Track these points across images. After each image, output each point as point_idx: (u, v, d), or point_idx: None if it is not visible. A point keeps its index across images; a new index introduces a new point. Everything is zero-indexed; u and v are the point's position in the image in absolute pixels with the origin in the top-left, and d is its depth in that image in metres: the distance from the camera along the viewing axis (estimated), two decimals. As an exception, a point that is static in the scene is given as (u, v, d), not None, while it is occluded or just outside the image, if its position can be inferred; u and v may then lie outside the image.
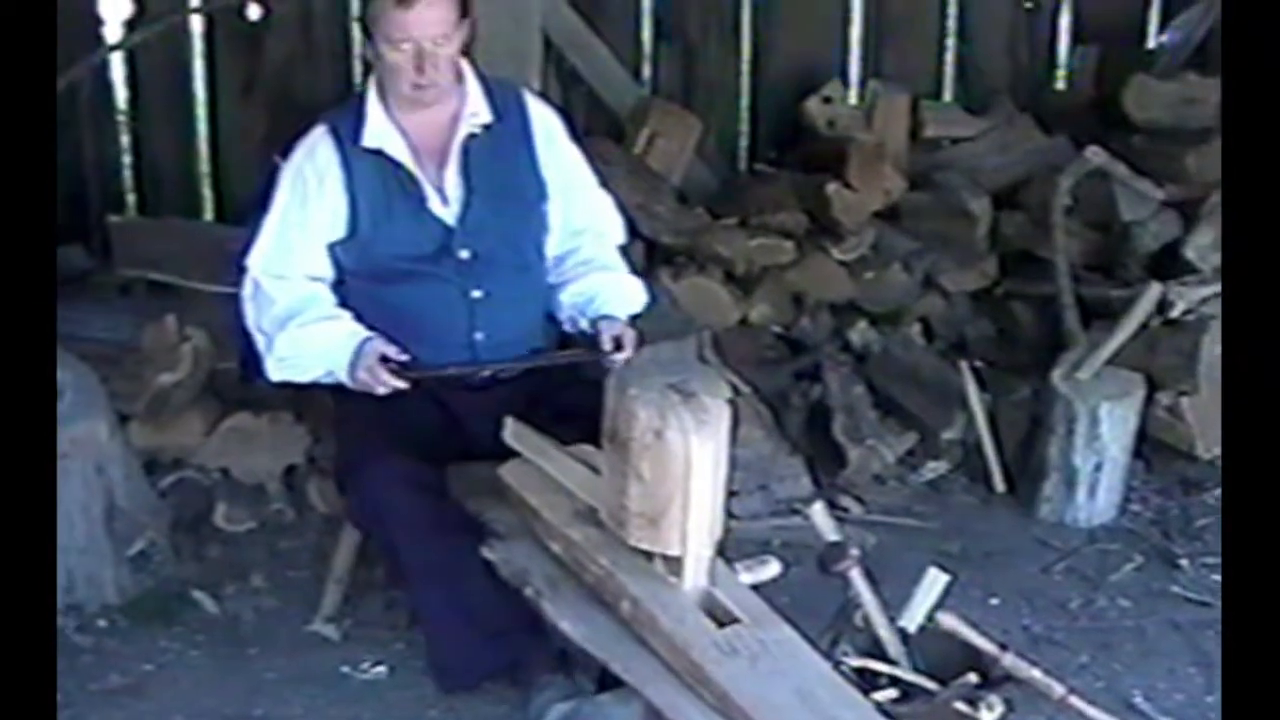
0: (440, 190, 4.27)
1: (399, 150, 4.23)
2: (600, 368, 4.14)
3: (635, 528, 3.51)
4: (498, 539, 3.92)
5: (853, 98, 6.77)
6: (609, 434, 3.53)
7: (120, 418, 4.95)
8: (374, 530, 4.34)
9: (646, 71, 6.61)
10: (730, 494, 3.67)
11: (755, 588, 3.67)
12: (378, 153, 4.22)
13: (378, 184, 4.23)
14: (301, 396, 4.97)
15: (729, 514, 3.68)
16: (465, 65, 4.29)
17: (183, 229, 5.84)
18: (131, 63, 6.03)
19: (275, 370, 4.30)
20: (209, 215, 6.24)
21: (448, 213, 4.27)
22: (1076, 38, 7.12)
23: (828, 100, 6.54)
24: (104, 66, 5.97)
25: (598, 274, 4.42)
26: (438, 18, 4.11)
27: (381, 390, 4.12)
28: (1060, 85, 7.21)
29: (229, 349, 5.31)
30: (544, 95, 4.60)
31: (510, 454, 4.03)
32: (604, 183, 4.58)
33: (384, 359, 4.13)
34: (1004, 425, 5.55)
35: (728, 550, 3.77)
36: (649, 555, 3.55)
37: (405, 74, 4.13)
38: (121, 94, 6.13)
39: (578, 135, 4.54)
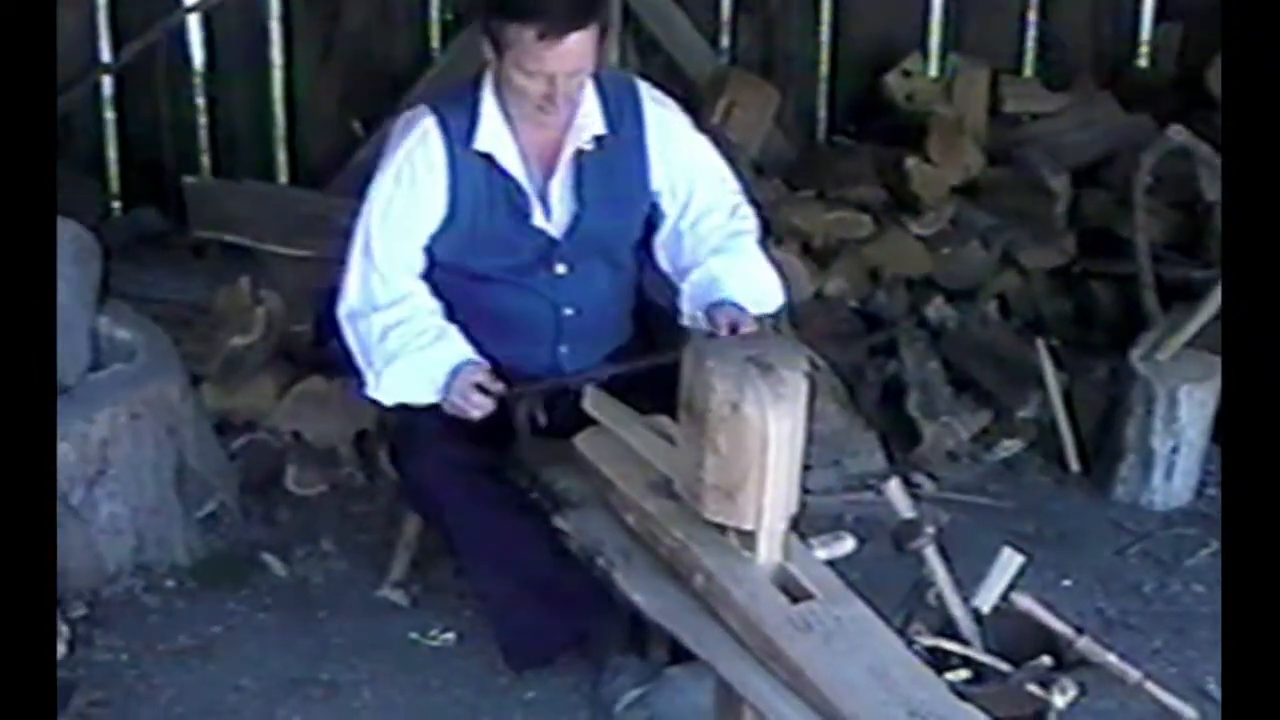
0: (545, 201, 4.10)
1: (510, 159, 4.05)
2: None
3: (710, 501, 3.47)
4: (571, 509, 3.88)
5: (933, 71, 6.69)
6: (685, 405, 3.49)
7: (193, 379, 4.94)
8: (427, 514, 4.35)
9: (725, 41, 6.54)
10: (804, 468, 3.62)
11: (830, 563, 3.62)
12: (487, 156, 4.05)
13: (483, 188, 4.05)
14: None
15: (802, 488, 3.63)
16: None
17: (257, 191, 5.81)
18: (208, 25, 6.00)
19: (376, 391, 4.13)
20: (284, 178, 6.20)
21: (551, 226, 4.12)
22: (1160, 14, 7.01)
23: (907, 74, 6.45)
24: (181, 28, 5.94)
25: (720, 258, 4.13)
26: (580, 51, 3.85)
27: (475, 414, 3.99)
28: (1143, 62, 7.11)
29: (302, 312, 5.32)
30: (661, 86, 4.35)
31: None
32: (739, 174, 4.36)
33: (478, 387, 3.99)
34: (1080, 405, 5.48)
35: (801, 525, 3.72)
36: (723, 529, 3.51)
37: (532, 98, 3.92)
38: (198, 56, 6.10)
39: (704, 128, 4.35)
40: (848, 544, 3.72)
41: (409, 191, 4.06)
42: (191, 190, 5.65)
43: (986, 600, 3.95)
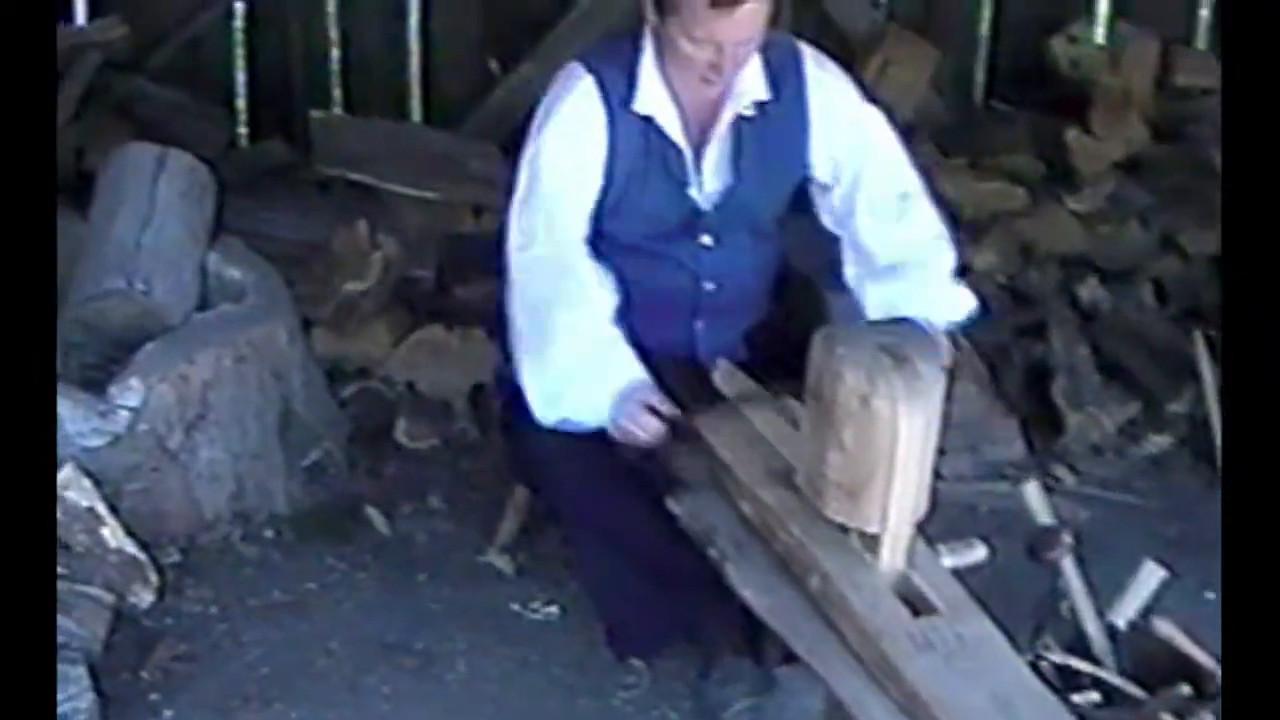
0: (699, 169, 3.88)
1: (670, 122, 3.83)
2: None
3: (832, 498, 3.23)
4: (685, 491, 3.65)
5: (1099, 38, 6.43)
6: (812, 394, 3.24)
7: (304, 323, 4.82)
8: (534, 486, 4.16)
9: (885, -5, 6.35)
10: (938, 453, 3.37)
11: (956, 572, 3.37)
12: (647, 119, 3.82)
13: (640, 152, 3.82)
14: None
15: (935, 474, 3.37)
16: None
17: (387, 129, 5.71)
18: (346, -44, 5.89)
19: (545, 416, 3.84)
20: (416, 117, 6.07)
21: (702, 195, 3.90)
22: (1348, -14, 6.68)
23: (1073, 39, 6.25)
24: (318, -41, 5.84)
25: (906, 277, 3.94)
26: (752, 21, 3.62)
27: (644, 440, 3.73)
28: (1326, 37, 6.78)
29: (425, 257, 5.17)
30: (826, 50, 4.06)
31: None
32: (910, 135, 4.16)
33: (650, 409, 3.73)
34: (1236, 402, 5.21)
35: (931, 518, 3.46)
36: (845, 529, 3.27)
37: (698, 66, 3.69)
38: (334, -13, 6.00)
39: (872, 98, 4.08)
40: (978, 552, 3.46)
41: (577, 153, 3.83)
42: (318, 125, 5.53)
43: (1123, 615, 3.71)
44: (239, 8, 5.84)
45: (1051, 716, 3.01)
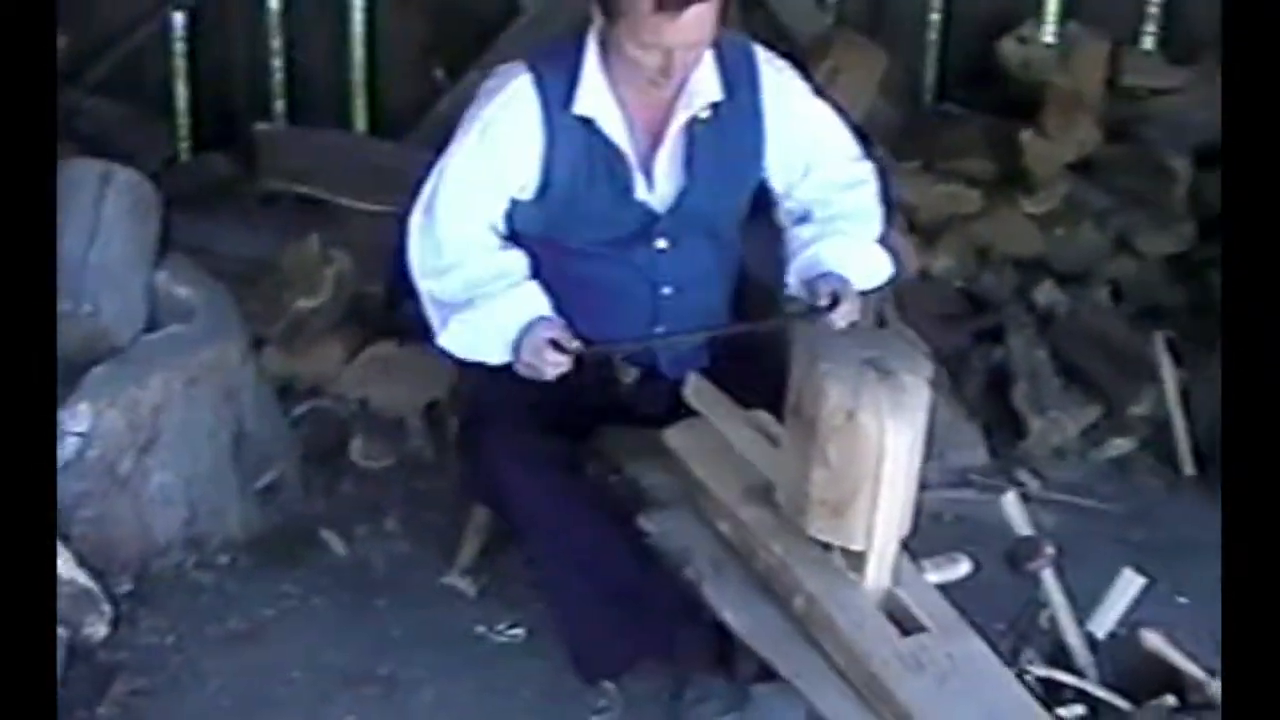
0: (649, 173, 3.79)
1: (613, 125, 3.73)
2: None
3: (815, 516, 3.17)
4: (657, 509, 3.58)
5: (1049, 38, 6.35)
6: (793, 409, 3.18)
7: (255, 341, 4.69)
8: (495, 506, 4.06)
9: (832, -3, 6.25)
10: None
11: (942, 588, 3.31)
12: (587, 121, 3.74)
13: (581, 156, 3.73)
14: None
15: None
16: None
17: (333, 141, 5.60)
18: (287, -38, 5.77)
19: (447, 341, 3.87)
20: (361, 127, 5.96)
21: (655, 198, 3.80)
22: (1293, -15, 6.64)
23: (1023, 40, 6.15)
24: (259, -35, 5.71)
25: (830, 229, 3.88)
26: (700, 25, 3.54)
27: (549, 374, 3.69)
28: (1273, 37, 6.73)
29: (375, 271, 5.05)
30: (772, 46, 4.01)
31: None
32: (863, 140, 4.11)
33: (553, 344, 3.69)
34: (1197, 403, 5.14)
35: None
36: (828, 546, 3.20)
37: (645, 70, 3.60)
38: (275, -5, 5.89)
39: (820, 90, 4.04)
40: (962, 567, 3.42)
41: (491, 157, 3.76)
42: (263, 137, 5.42)
43: (1102, 625, 3.67)
44: (179, 18, 5.70)
45: (1044, 733, 2.97)
